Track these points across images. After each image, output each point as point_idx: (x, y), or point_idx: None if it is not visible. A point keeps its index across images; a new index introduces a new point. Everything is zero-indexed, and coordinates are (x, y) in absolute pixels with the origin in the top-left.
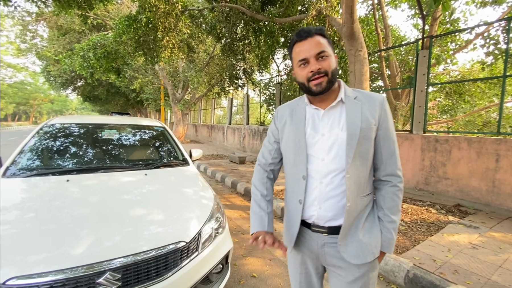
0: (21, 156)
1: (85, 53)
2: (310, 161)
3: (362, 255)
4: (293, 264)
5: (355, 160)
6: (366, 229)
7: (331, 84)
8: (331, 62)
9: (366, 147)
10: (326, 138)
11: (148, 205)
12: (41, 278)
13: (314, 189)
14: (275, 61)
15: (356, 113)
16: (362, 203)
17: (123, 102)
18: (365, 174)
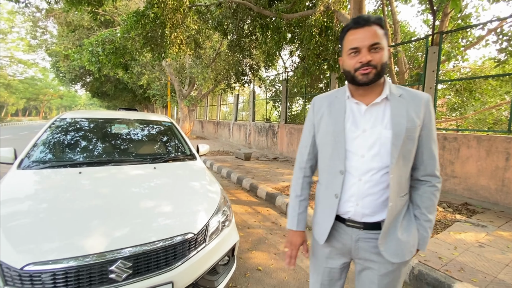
0: (35, 149)
1: (93, 48)
2: (348, 157)
3: (402, 253)
4: (319, 257)
5: (398, 160)
6: (404, 227)
7: (378, 77)
8: (384, 55)
9: (409, 147)
10: (367, 135)
11: (157, 198)
12: (56, 265)
13: (352, 186)
14: (282, 57)
15: (402, 112)
16: (401, 203)
17: (130, 98)
18: (406, 174)
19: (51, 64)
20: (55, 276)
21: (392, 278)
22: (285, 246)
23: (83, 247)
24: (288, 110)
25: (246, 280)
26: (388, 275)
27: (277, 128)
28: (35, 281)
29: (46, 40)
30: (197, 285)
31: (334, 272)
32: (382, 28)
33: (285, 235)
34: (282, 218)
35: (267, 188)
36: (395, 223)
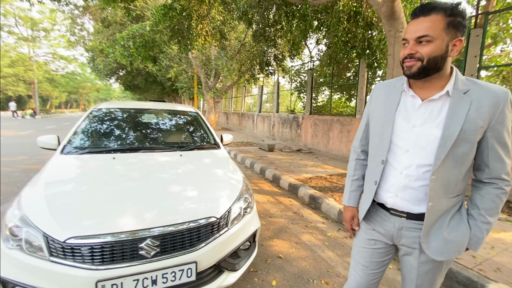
0: (75, 137)
1: (125, 42)
2: (392, 149)
3: (447, 252)
4: (362, 240)
5: (446, 162)
6: (452, 227)
7: (426, 72)
8: (432, 48)
9: (465, 150)
10: (416, 131)
11: (183, 183)
12: (94, 239)
13: (393, 177)
14: (308, 46)
15: (461, 111)
16: (449, 204)
17: (159, 91)
18: (456, 177)
19: (88, 59)
20: (93, 250)
21: (432, 267)
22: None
23: (118, 225)
24: (314, 101)
25: (267, 266)
26: (428, 264)
27: (301, 119)
28: (75, 253)
29: (83, 36)
30: (219, 267)
31: (374, 255)
32: (449, 16)
33: (306, 226)
34: (304, 208)
35: (290, 179)
36: (441, 223)
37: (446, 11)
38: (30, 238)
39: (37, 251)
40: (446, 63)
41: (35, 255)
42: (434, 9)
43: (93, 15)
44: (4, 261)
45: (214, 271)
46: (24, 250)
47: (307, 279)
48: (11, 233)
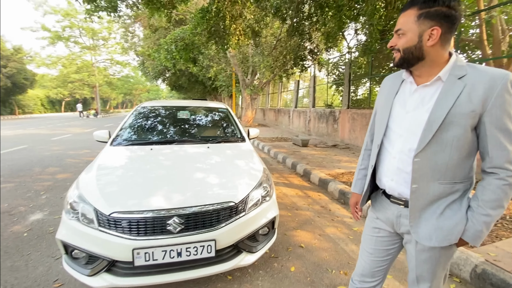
0: (122, 131)
1: (168, 46)
2: (388, 134)
3: (436, 238)
4: (368, 228)
5: (432, 146)
6: (447, 215)
7: (407, 62)
8: (404, 40)
9: (455, 134)
10: (409, 116)
11: (207, 171)
12: (132, 215)
13: (388, 162)
14: (345, 37)
15: (450, 96)
16: (441, 189)
17: (201, 90)
18: (446, 161)
19: (138, 63)
20: (131, 223)
21: (428, 256)
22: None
23: (150, 204)
24: (353, 94)
25: (287, 253)
26: (425, 252)
27: (338, 113)
28: (117, 225)
29: (135, 43)
30: (237, 247)
31: (378, 243)
32: (421, 8)
33: (332, 219)
34: (333, 203)
35: (321, 174)
36: (434, 209)
37: (418, 4)
38: (84, 212)
39: (90, 222)
40: (428, 52)
41: (88, 225)
42: (410, 3)
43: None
44: (66, 229)
45: (232, 250)
46: (80, 221)
47: (326, 269)
48: (71, 207)
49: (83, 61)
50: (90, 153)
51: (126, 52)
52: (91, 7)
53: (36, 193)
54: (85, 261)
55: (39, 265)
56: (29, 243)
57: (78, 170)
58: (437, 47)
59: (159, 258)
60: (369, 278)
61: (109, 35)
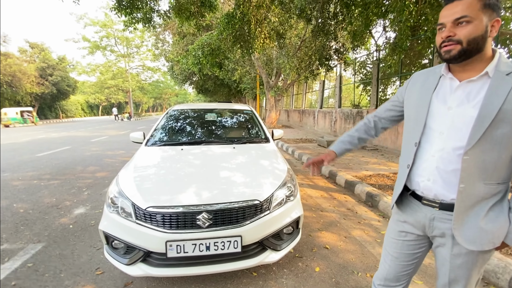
0: (155, 133)
1: (196, 52)
2: (426, 132)
3: (479, 242)
4: (393, 232)
5: (482, 143)
6: (491, 218)
7: (467, 54)
8: (471, 29)
9: (505, 131)
10: (452, 113)
11: (233, 170)
12: (166, 209)
13: (425, 161)
14: (373, 35)
15: (501, 92)
16: (486, 190)
17: (226, 92)
18: (495, 161)
19: (168, 68)
20: (164, 217)
21: (465, 260)
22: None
23: (181, 200)
24: (381, 93)
25: (312, 254)
26: (461, 257)
27: (366, 113)
28: (152, 219)
29: (165, 49)
30: (262, 244)
31: (405, 247)
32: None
33: (359, 222)
34: (360, 205)
35: (347, 175)
36: (478, 211)
37: None
38: (123, 206)
39: (128, 216)
40: (487, 44)
41: (127, 218)
42: None
43: (171, 30)
44: (107, 221)
45: (258, 247)
46: (120, 214)
47: (352, 271)
48: (111, 201)
49: (118, 68)
50: (125, 153)
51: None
52: (128, 19)
53: (79, 190)
54: (123, 251)
55: (83, 254)
56: (74, 234)
57: (115, 169)
58: (490, 41)
59: (190, 251)
60: (393, 282)
61: (142, 43)
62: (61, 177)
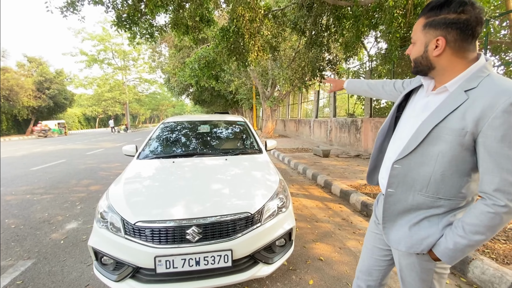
0: (147, 146)
1: (192, 65)
2: (391, 134)
3: (404, 243)
4: (371, 223)
5: (416, 156)
6: (422, 226)
7: (419, 72)
8: (415, 50)
9: (440, 149)
10: (411, 122)
11: (224, 182)
12: (154, 224)
13: (385, 161)
14: (365, 46)
15: (446, 109)
16: (420, 200)
17: (223, 103)
18: (430, 175)
19: (164, 80)
20: (153, 232)
21: (411, 261)
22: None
23: (171, 214)
24: (376, 102)
25: (306, 266)
26: (407, 257)
27: (360, 123)
28: (141, 233)
29: (161, 62)
30: (254, 258)
31: (377, 241)
32: (427, 17)
33: (354, 232)
34: (355, 215)
35: (342, 185)
36: (411, 218)
37: (425, 13)
38: (113, 221)
39: (117, 231)
40: (436, 61)
41: (116, 233)
42: (421, 12)
43: (168, 43)
44: (96, 236)
45: (249, 261)
46: (109, 229)
47: (346, 283)
48: (101, 216)
49: (115, 81)
50: (120, 166)
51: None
52: (132, 35)
53: (72, 204)
54: (112, 267)
55: (73, 270)
56: (65, 250)
57: (109, 182)
58: (448, 56)
59: (179, 266)
60: (365, 275)
61: (138, 55)
62: (54, 191)
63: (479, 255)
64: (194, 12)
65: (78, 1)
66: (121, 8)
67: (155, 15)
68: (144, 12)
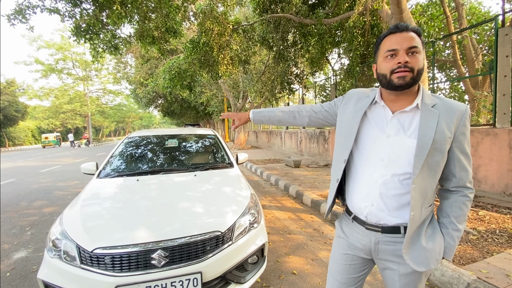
0: (108, 163)
1: (164, 75)
2: (365, 155)
3: (427, 262)
4: (339, 256)
5: (422, 172)
6: (429, 236)
7: (414, 83)
8: (420, 60)
9: (437, 159)
10: (391, 141)
11: (192, 200)
12: (115, 250)
13: (369, 186)
14: (329, 61)
15: (431, 123)
16: (425, 213)
17: (194, 115)
18: (432, 186)
19: (130, 91)
20: (114, 259)
21: (412, 279)
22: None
23: (133, 238)
24: None
25: (279, 282)
26: (408, 276)
27: (328, 133)
28: (100, 262)
29: (127, 73)
30: (225, 278)
31: (351, 271)
32: (420, 36)
33: (325, 242)
34: (326, 225)
35: (313, 195)
36: (419, 232)
37: (418, 32)
38: (67, 249)
39: (72, 260)
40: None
41: (70, 263)
42: (411, 28)
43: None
44: (47, 268)
45: (220, 282)
46: (62, 259)
47: None
48: (53, 244)
49: (76, 92)
50: (80, 184)
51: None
52: (93, 47)
53: (21, 229)
54: None
55: None
56: (11, 284)
57: (66, 203)
58: None
59: None
60: None
61: (102, 66)
62: (1, 215)
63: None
64: (161, 23)
65: (29, 8)
66: (79, 18)
67: (119, 26)
68: (105, 22)
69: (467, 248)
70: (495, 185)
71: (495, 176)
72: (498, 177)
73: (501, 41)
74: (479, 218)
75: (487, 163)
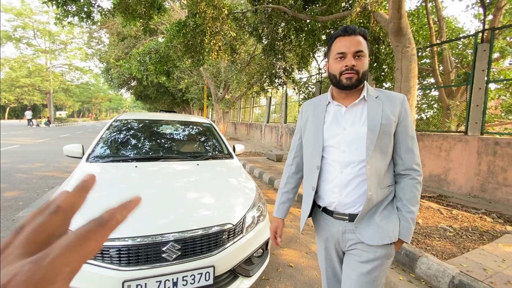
0: (98, 146)
1: (141, 58)
2: (330, 151)
3: (378, 237)
4: (319, 251)
5: (375, 153)
6: (384, 215)
7: (359, 83)
8: (365, 63)
9: (386, 142)
10: (347, 133)
11: (200, 191)
12: (121, 242)
13: (334, 178)
14: (316, 59)
15: (377, 110)
16: (382, 194)
17: (170, 101)
18: (384, 167)
19: (102, 70)
20: (120, 251)
21: (372, 267)
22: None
23: (142, 229)
24: None
25: (278, 274)
26: (368, 263)
27: None
28: (104, 254)
29: (100, 49)
30: (234, 272)
31: (334, 262)
32: (366, 39)
33: None
34: None
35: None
36: (375, 211)
37: (364, 35)
38: None
39: None
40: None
41: None
42: (358, 31)
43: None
44: None
45: (229, 276)
46: None
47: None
48: None
49: (36, 65)
50: (44, 167)
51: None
52: (61, 11)
53: None
54: None
55: None
56: None
57: (31, 187)
58: None
59: None
60: None
61: (70, 39)
62: None
63: (424, 252)
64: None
65: None
66: None
67: None
68: None
69: (447, 244)
70: (462, 187)
71: (463, 179)
72: (465, 179)
73: (479, 56)
74: (453, 217)
75: (457, 167)
